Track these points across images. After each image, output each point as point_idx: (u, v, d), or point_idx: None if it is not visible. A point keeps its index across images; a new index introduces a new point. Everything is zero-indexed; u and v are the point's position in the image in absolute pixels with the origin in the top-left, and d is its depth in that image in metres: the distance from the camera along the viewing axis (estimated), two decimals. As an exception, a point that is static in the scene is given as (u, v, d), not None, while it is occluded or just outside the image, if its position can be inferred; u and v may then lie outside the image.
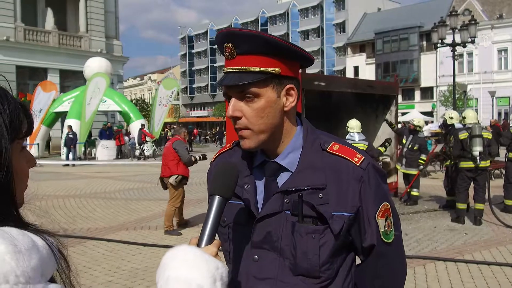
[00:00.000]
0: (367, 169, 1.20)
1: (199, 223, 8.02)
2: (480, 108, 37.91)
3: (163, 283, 0.93)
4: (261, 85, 1.16)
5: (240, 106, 1.18)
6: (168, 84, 24.06)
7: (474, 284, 4.90)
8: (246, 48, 1.16)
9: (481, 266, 5.47)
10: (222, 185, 1.11)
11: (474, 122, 7.85)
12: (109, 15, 29.96)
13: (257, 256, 1.21)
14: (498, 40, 40.69)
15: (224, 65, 1.24)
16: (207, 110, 71.31)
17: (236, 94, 1.18)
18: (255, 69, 1.15)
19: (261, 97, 1.17)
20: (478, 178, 7.70)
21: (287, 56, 1.19)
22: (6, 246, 0.70)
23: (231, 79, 1.17)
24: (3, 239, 0.70)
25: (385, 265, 1.25)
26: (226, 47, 1.18)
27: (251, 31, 1.17)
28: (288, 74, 1.20)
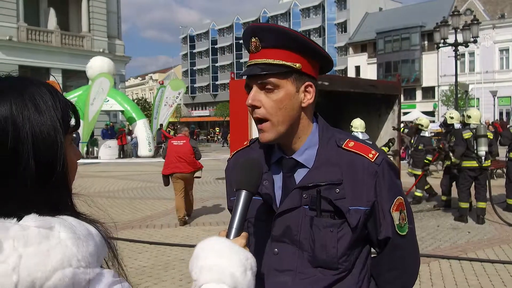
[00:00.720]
0: (381, 165, 1.26)
1: (204, 222, 8.08)
2: (481, 108, 37.89)
3: (197, 272, 0.98)
4: (282, 77, 1.22)
5: (260, 96, 1.24)
6: (175, 85, 24.17)
7: (478, 281, 4.96)
8: (271, 41, 1.21)
9: (484, 264, 5.52)
10: (248, 180, 1.15)
11: (478, 122, 7.92)
12: (111, 15, 30.02)
13: (277, 249, 1.27)
14: (500, 39, 40.69)
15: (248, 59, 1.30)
16: (209, 110, 71.36)
17: (257, 84, 1.24)
18: (277, 62, 1.21)
19: (281, 89, 1.23)
20: (480, 177, 7.77)
21: (308, 54, 1.25)
22: (67, 233, 0.75)
23: (253, 70, 1.23)
24: (64, 227, 0.76)
25: (400, 256, 1.31)
26: (252, 41, 1.24)
27: (276, 26, 1.23)
28: (308, 72, 1.26)
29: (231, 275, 0.96)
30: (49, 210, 0.79)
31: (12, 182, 0.77)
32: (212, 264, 0.98)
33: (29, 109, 0.79)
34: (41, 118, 0.80)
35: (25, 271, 0.70)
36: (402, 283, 1.35)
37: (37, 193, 0.78)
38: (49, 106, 0.82)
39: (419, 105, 44.56)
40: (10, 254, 0.71)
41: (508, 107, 39.68)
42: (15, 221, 0.75)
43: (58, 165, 0.81)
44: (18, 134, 0.77)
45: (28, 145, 0.77)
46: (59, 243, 0.74)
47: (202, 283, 0.97)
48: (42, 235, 0.73)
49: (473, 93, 37.45)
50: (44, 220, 0.76)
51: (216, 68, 72.53)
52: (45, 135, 0.79)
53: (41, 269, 0.71)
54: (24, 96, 0.80)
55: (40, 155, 0.79)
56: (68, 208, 0.85)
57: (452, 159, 8.47)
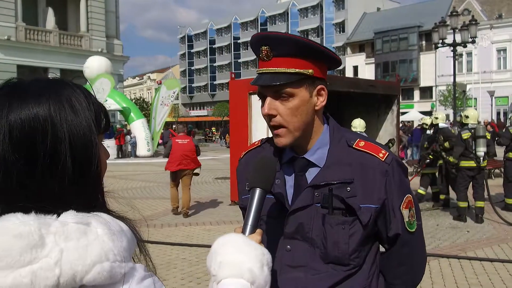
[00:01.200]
0: (391, 164, 1.29)
1: (204, 221, 8.11)
2: (479, 108, 37.99)
3: (216, 267, 1.02)
4: (296, 85, 1.25)
5: (275, 105, 1.27)
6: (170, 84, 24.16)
7: (477, 280, 5.00)
8: (282, 50, 1.24)
9: (484, 263, 5.57)
10: (263, 178, 1.18)
11: (476, 123, 7.98)
12: (110, 14, 30.01)
13: (289, 246, 1.30)
14: (497, 40, 40.80)
15: (258, 66, 1.32)
16: (207, 110, 71.36)
17: (271, 93, 1.27)
18: (290, 70, 1.24)
19: (296, 97, 1.26)
20: (477, 177, 7.84)
21: (319, 58, 1.28)
22: (103, 229, 0.79)
23: (267, 80, 1.26)
24: (100, 223, 0.80)
25: (409, 253, 1.35)
26: (262, 49, 1.26)
27: (287, 35, 1.26)
28: (319, 76, 1.29)
29: (249, 271, 0.99)
30: (84, 207, 0.82)
31: (50, 181, 0.80)
32: (231, 260, 1.01)
33: (66, 110, 0.82)
34: (77, 118, 0.83)
35: (67, 265, 0.73)
36: (410, 278, 1.39)
37: (73, 191, 0.82)
38: (84, 107, 0.85)
39: (417, 105, 44.65)
40: (52, 249, 0.74)
41: (505, 107, 39.80)
42: (55, 217, 0.78)
43: (92, 164, 0.85)
44: (56, 134, 0.80)
45: (65, 144, 0.80)
46: (96, 238, 0.77)
47: (221, 278, 1.00)
48: (80, 230, 0.77)
49: (471, 93, 37.53)
50: (81, 216, 0.79)
51: (214, 68, 72.52)
52: (81, 135, 0.83)
53: (81, 263, 0.74)
54: (61, 98, 0.83)
55: (76, 154, 0.82)
56: (101, 205, 0.88)
57: (445, 158, 8.56)
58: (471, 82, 37.83)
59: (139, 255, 0.90)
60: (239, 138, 9.47)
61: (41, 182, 0.79)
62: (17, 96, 0.81)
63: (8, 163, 0.78)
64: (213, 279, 1.03)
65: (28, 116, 0.79)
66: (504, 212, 8.37)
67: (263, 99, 1.30)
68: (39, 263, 0.73)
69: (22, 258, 0.72)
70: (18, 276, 0.71)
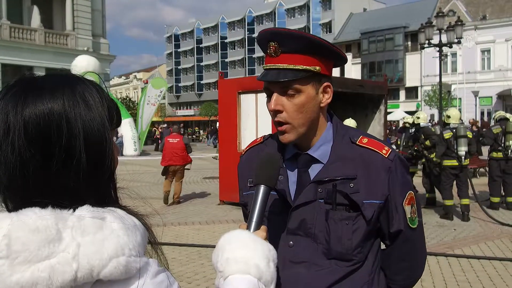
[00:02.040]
0: (394, 161, 1.31)
1: (194, 221, 8.09)
2: (463, 108, 38.49)
3: (223, 263, 1.02)
4: (303, 82, 1.26)
5: (282, 101, 1.28)
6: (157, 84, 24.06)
7: (465, 277, 5.08)
8: (291, 47, 1.25)
9: (471, 260, 5.65)
10: (267, 175, 1.19)
11: (458, 122, 8.15)
12: (96, 13, 29.72)
13: (292, 242, 1.31)
14: (482, 40, 41.34)
15: (264, 62, 1.33)
16: (193, 109, 71.10)
17: (278, 89, 1.28)
18: (298, 67, 1.25)
19: (302, 93, 1.27)
20: (460, 175, 8.01)
21: (326, 55, 1.29)
22: (118, 224, 0.79)
23: (274, 75, 1.26)
24: (115, 218, 0.80)
25: (410, 248, 1.37)
26: (270, 45, 1.27)
27: (296, 31, 1.26)
28: (325, 73, 1.30)
29: (256, 267, 1.00)
30: (98, 203, 0.82)
31: (65, 176, 0.80)
32: (238, 256, 1.01)
33: (80, 105, 0.82)
34: (91, 114, 0.83)
35: (84, 259, 0.74)
36: (410, 274, 1.41)
37: (87, 186, 0.82)
38: (97, 103, 0.85)
39: (402, 105, 45.04)
40: (70, 243, 0.74)
41: (489, 107, 40.34)
42: (71, 212, 0.79)
43: (106, 160, 0.85)
44: (71, 130, 0.80)
45: (80, 140, 0.81)
46: (112, 233, 0.77)
47: (228, 274, 1.01)
48: (96, 225, 0.77)
49: (456, 93, 37.98)
50: (96, 211, 0.80)
51: (201, 68, 72.28)
52: (95, 131, 0.83)
53: (98, 257, 0.74)
54: (75, 93, 0.83)
55: (91, 150, 0.82)
56: (113, 201, 0.88)
57: (427, 156, 8.70)
58: (455, 82, 38.28)
59: (150, 251, 0.91)
60: (228, 137, 9.47)
61: (56, 177, 0.80)
62: (31, 92, 0.81)
63: (24, 158, 0.78)
64: (220, 275, 1.03)
65: (43, 112, 0.79)
66: (489, 210, 8.49)
67: (270, 95, 1.30)
68: (57, 258, 0.73)
69: (40, 252, 0.72)
70: (36, 270, 0.72)
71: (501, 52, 40.60)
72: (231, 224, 7.81)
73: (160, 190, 11.94)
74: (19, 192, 0.80)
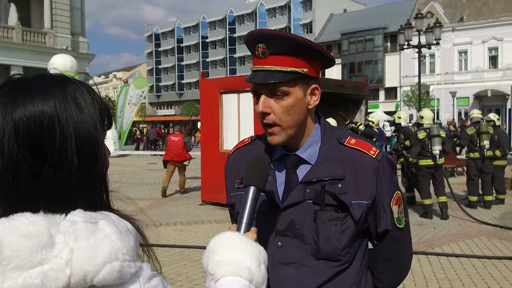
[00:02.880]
0: (382, 161, 1.32)
1: (176, 221, 8.05)
2: (441, 108, 39.09)
3: (214, 266, 1.01)
4: (291, 84, 1.26)
5: (270, 103, 1.28)
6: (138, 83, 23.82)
7: (445, 275, 5.16)
8: (279, 48, 1.25)
9: (450, 258, 5.75)
10: (257, 176, 1.19)
11: (431, 122, 8.36)
12: (75, 11, 29.28)
13: (280, 243, 1.31)
14: (459, 42, 42.05)
15: (252, 63, 1.33)
16: (174, 109, 70.65)
17: (266, 91, 1.27)
18: (286, 69, 1.25)
19: (290, 96, 1.27)
20: (436, 174, 8.20)
21: (314, 58, 1.29)
22: (111, 228, 0.78)
23: (262, 77, 1.26)
24: (107, 222, 0.79)
25: (397, 248, 1.39)
26: (259, 46, 1.27)
27: (284, 33, 1.26)
28: (313, 75, 1.31)
29: (248, 269, 1.00)
30: (90, 206, 0.81)
31: (57, 180, 0.78)
32: (229, 258, 1.01)
33: (71, 107, 0.80)
34: (83, 116, 0.81)
35: (78, 265, 0.72)
36: (397, 273, 1.43)
37: (80, 189, 0.80)
38: (88, 104, 0.83)
39: (382, 105, 45.51)
40: (63, 249, 0.72)
41: (466, 108, 41.05)
42: (63, 216, 0.77)
43: (98, 163, 0.83)
44: (62, 132, 0.78)
45: (71, 143, 0.79)
46: (105, 238, 0.76)
47: (220, 277, 1.00)
48: (89, 229, 0.75)
49: (434, 93, 38.57)
50: (89, 216, 0.78)
51: (182, 67, 71.85)
52: (87, 133, 0.81)
53: (92, 262, 0.73)
54: (66, 94, 0.81)
55: (83, 153, 0.80)
56: (105, 205, 0.87)
57: (405, 156, 8.84)
58: (434, 83, 38.85)
59: (142, 255, 0.90)
60: (210, 137, 9.44)
61: (48, 181, 0.78)
62: (21, 93, 0.79)
63: (15, 162, 0.76)
64: (211, 278, 1.02)
65: (33, 114, 0.77)
66: (468, 209, 8.64)
67: (257, 96, 1.30)
68: (50, 264, 0.71)
69: (32, 258, 0.70)
70: (29, 277, 0.70)
71: (477, 54, 41.37)
72: (213, 224, 7.79)
73: (141, 191, 11.86)
74: (10, 196, 0.77)
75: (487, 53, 41.15)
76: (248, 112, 8.55)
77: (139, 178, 14.41)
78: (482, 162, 8.95)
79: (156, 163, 20.24)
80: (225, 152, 8.93)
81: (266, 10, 60.97)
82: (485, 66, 41.23)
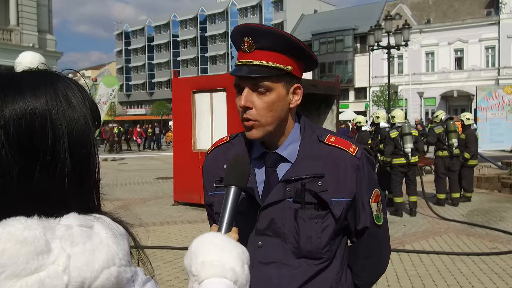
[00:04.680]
0: (361, 158, 1.33)
1: (148, 222, 7.95)
2: (409, 108, 39.93)
3: (198, 267, 0.99)
4: (275, 80, 1.26)
5: (252, 98, 1.27)
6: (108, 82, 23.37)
7: (416, 271, 5.27)
8: (265, 43, 1.24)
9: (421, 255, 5.87)
10: (237, 176, 1.18)
11: (402, 121, 8.54)
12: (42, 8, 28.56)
13: (261, 242, 1.31)
14: (426, 43, 43.03)
15: (237, 58, 1.31)
16: (145, 108, 69.83)
17: (249, 86, 1.26)
18: (271, 64, 1.24)
19: (273, 92, 1.26)
20: (409, 173, 8.35)
21: (299, 57, 1.29)
22: (107, 232, 0.74)
23: (247, 71, 1.25)
24: (102, 226, 0.75)
25: (376, 245, 1.40)
26: (245, 40, 1.26)
27: (272, 28, 1.26)
28: (297, 74, 1.30)
29: (232, 270, 0.98)
30: (83, 209, 0.77)
31: (50, 181, 0.74)
32: (213, 259, 0.99)
33: (63, 104, 0.76)
34: (74, 114, 0.77)
35: (75, 272, 0.69)
36: (376, 270, 1.45)
37: (73, 191, 0.76)
38: (80, 103, 0.79)
39: (352, 105, 46.13)
40: (59, 255, 0.69)
41: (433, 107, 42.02)
42: (58, 220, 0.73)
43: (91, 163, 0.80)
44: (55, 131, 0.74)
45: (64, 142, 0.75)
46: (101, 242, 0.73)
47: (204, 279, 0.98)
48: (85, 234, 0.72)
49: (402, 94, 39.35)
50: (84, 219, 0.75)
51: (153, 66, 71.09)
52: (79, 133, 0.77)
53: (89, 268, 0.70)
54: (57, 91, 0.77)
55: (76, 153, 0.76)
56: (96, 207, 0.83)
57: (377, 158, 9.00)
58: (402, 83, 39.62)
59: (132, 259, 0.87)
60: (183, 136, 9.36)
61: (40, 183, 0.73)
62: (10, 90, 0.74)
63: (5, 162, 0.71)
64: (194, 279, 1.00)
65: (24, 111, 0.73)
66: (436, 206, 8.85)
67: (240, 91, 1.29)
68: (46, 271, 0.68)
69: (28, 265, 0.67)
70: (25, 285, 0.66)
71: (444, 55, 42.45)
72: (186, 225, 7.72)
73: (111, 192, 11.65)
74: (0, 199, 0.73)
75: (453, 55, 42.27)
76: (221, 111, 8.52)
77: (109, 179, 14.18)
78: (450, 160, 9.17)
79: (127, 163, 19.97)
80: (198, 152, 8.88)
81: (237, 10, 60.95)
82: (451, 67, 42.33)
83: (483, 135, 13.39)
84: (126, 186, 12.60)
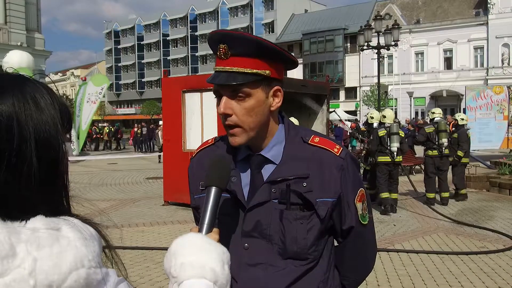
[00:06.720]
0: (346, 159, 1.33)
1: (138, 222, 7.90)
2: (399, 108, 40.17)
3: (177, 269, 0.99)
4: (253, 86, 1.25)
5: (231, 104, 1.26)
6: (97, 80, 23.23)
7: (405, 271, 5.29)
8: (240, 50, 1.23)
9: (410, 255, 5.90)
10: (217, 176, 1.18)
11: (392, 122, 8.76)
12: (30, 6, 28.30)
13: (247, 244, 1.30)
14: (416, 43, 43.34)
15: (215, 64, 1.31)
16: (135, 108, 69.56)
17: (228, 92, 1.26)
18: (248, 70, 1.24)
19: (252, 97, 1.26)
20: (393, 172, 8.59)
21: (276, 60, 1.29)
22: (75, 234, 0.74)
23: (224, 78, 1.25)
24: (70, 227, 0.74)
25: (362, 244, 1.40)
26: (220, 47, 1.25)
27: (246, 34, 1.25)
28: (276, 77, 1.30)
29: (212, 270, 0.98)
30: (51, 212, 0.76)
31: (16, 183, 0.74)
32: (193, 260, 0.99)
33: (31, 106, 0.76)
34: (42, 116, 0.77)
35: (42, 275, 0.68)
36: (362, 269, 1.45)
37: (40, 194, 0.76)
38: (48, 105, 0.79)
39: (342, 105, 46.34)
40: (25, 258, 0.68)
41: (423, 107, 42.35)
42: (23, 224, 0.72)
43: (59, 165, 0.79)
44: (21, 133, 0.74)
45: (31, 144, 0.75)
46: (69, 244, 0.72)
47: (183, 280, 0.98)
48: (52, 237, 0.71)
49: (392, 93, 39.59)
50: (51, 221, 0.74)
51: (143, 65, 70.82)
52: (47, 134, 0.77)
53: (57, 271, 0.69)
54: (25, 94, 0.77)
55: (43, 154, 0.76)
56: (66, 209, 0.82)
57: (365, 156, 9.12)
58: (392, 83, 39.87)
59: (104, 259, 0.86)
60: (173, 136, 9.33)
61: (6, 185, 0.73)
62: None
63: None
64: (174, 281, 1.00)
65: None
66: (426, 206, 8.90)
67: (219, 97, 1.29)
68: (12, 275, 0.67)
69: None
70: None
71: (433, 55, 42.78)
72: (176, 225, 7.69)
73: (102, 192, 11.59)
74: None
75: (442, 55, 42.62)
76: (211, 111, 8.49)
77: (99, 179, 14.09)
78: (440, 159, 9.24)
79: (117, 163, 19.86)
80: (188, 151, 8.84)
81: (228, 9, 60.92)
82: (440, 67, 42.67)
83: (472, 134, 13.52)
84: (116, 186, 12.52)
